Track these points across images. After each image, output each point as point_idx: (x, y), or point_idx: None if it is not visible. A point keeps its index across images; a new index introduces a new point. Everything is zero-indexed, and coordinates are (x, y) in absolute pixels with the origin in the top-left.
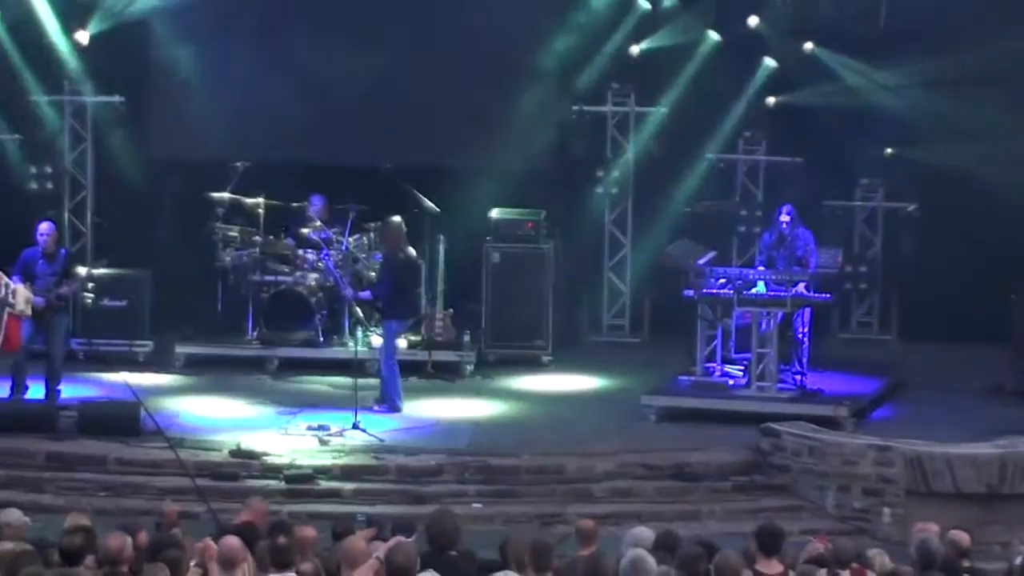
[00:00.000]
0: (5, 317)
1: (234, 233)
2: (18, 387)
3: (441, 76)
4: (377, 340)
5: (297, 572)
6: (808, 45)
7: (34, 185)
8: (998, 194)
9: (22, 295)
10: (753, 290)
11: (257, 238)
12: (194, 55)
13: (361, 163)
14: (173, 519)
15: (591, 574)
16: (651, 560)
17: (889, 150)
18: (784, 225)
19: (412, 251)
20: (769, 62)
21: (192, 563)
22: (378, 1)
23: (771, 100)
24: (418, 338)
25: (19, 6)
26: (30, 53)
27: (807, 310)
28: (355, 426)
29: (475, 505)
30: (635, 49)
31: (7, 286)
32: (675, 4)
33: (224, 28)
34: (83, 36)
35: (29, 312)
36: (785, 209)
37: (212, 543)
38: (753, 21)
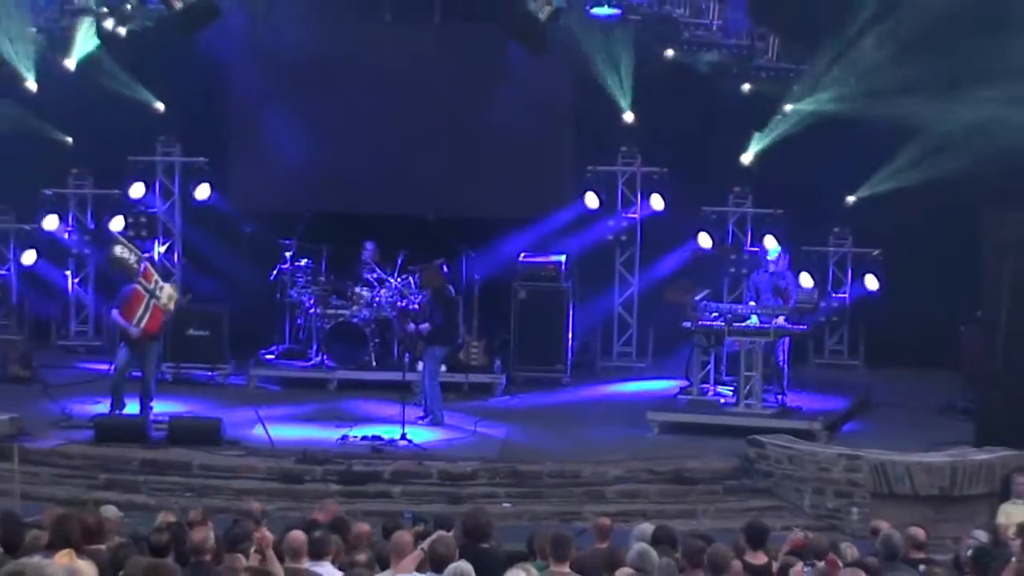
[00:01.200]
0: (152, 305)
1: (300, 273)
2: (117, 404)
3: (476, 141)
4: (420, 365)
5: (354, 562)
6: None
7: (131, 232)
8: (950, 240)
9: (167, 291)
10: (743, 323)
11: (320, 278)
12: (266, 119)
13: (408, 213)
14: (256, 514)
15: (607, 564)
16: (654, 553)
17: (851, 198)
18: (770, 267)
19: (452, 289)
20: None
21: (252, 550)
22: (421, 75)
23: (748, 159)
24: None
25: (114, 77)
26: (127, 117)
27: (787, 339)
28: (403, 437)
29: (505, 504)
30: (629, 116)
31: (157, 282)
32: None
33: (290, 95)
34: (160, 105)
35: (172, 308)
36: (771, 254)
37: (268, 533)
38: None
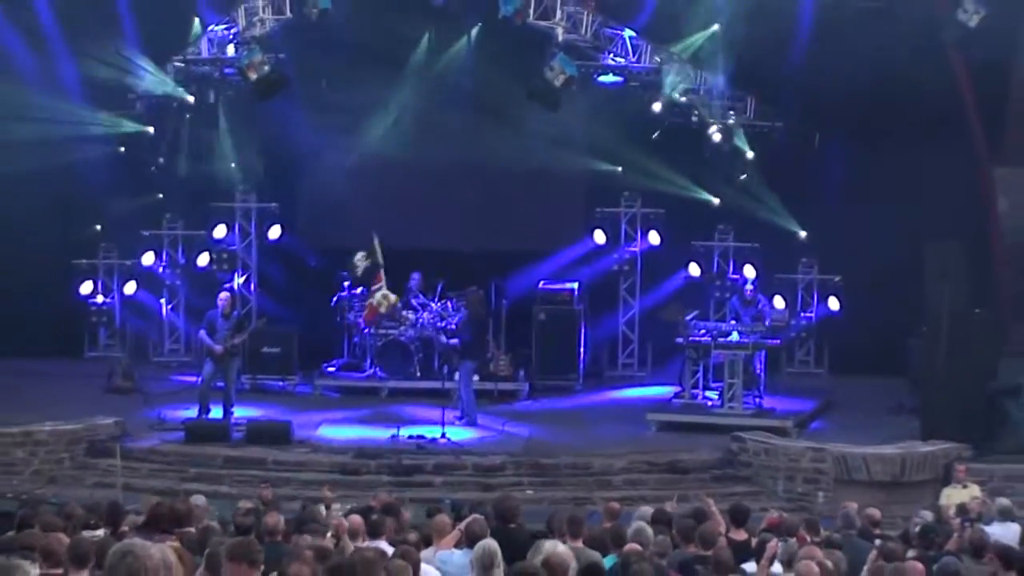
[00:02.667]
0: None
1: (356, 300)
2: (203, 409)
3: (504, 188)
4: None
5: (406, 541)
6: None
7: (215, 266)
8: (899, 268)
9: (380, 294)
10: (726, 338)
11: (380, 285)
12: (326, 171)
13: (447, 248)
14: (328, 499)
15: (614, 540)
16: (650, 530)
17: (803, 233)
18: (749, 292)
19: (484, 312)
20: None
21: (328, 534)
22: (457, 135)
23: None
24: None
25: (201, 140)
26: (211, 170)
27: (764, 352)
28: (443, 436)
29: (528, 491)
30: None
31: (381, 287)
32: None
33: (345, 152)
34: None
35: (382, 309)
36: (750, 280)
37: (343, 520)
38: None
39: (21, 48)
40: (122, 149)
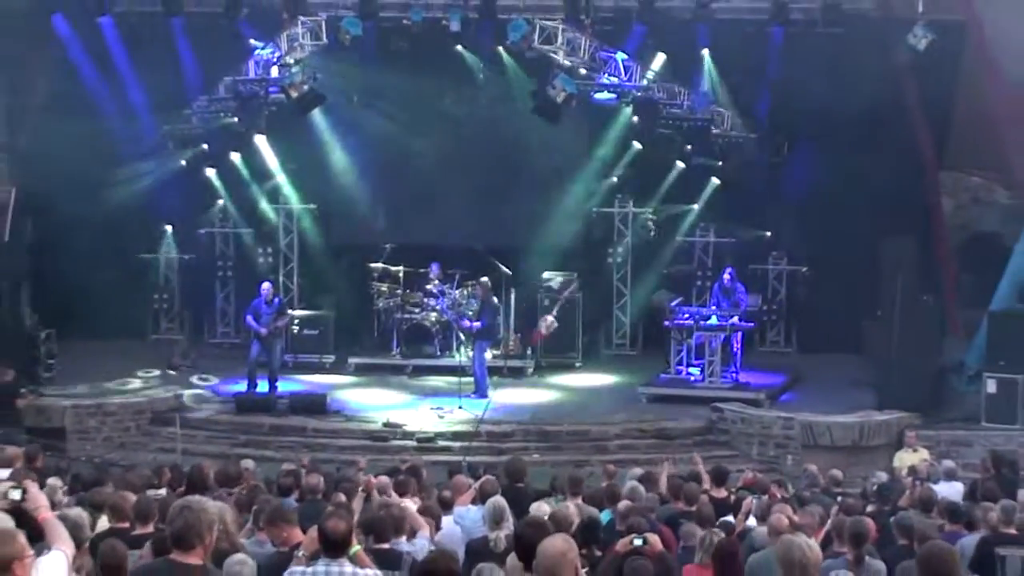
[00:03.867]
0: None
1: (384, 288)
2: (251, 384)
3: (512, 192)
4: (470, 353)
5: (429, 498)
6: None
7: (261, 260)
8: (858, 260)
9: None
10: (707, 321)
11: (398, 291)
12: (357, 178)
13: (463, 243)
14: (361, 466)
15: (610, 497)
16: (642, 488)
17: (768, 233)
18: (726, 281)
19: (495, 299)
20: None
21: (360, 489)
22: (471, 149)
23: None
24: (497, 352)
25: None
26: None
27: (740, 334)
28: (460, 407)
29: (535, 456)
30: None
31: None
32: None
33: (374, 161)
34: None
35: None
36: (727, 271)
37: (372, 479)
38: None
39: (93, 73)
40: (183, 163)
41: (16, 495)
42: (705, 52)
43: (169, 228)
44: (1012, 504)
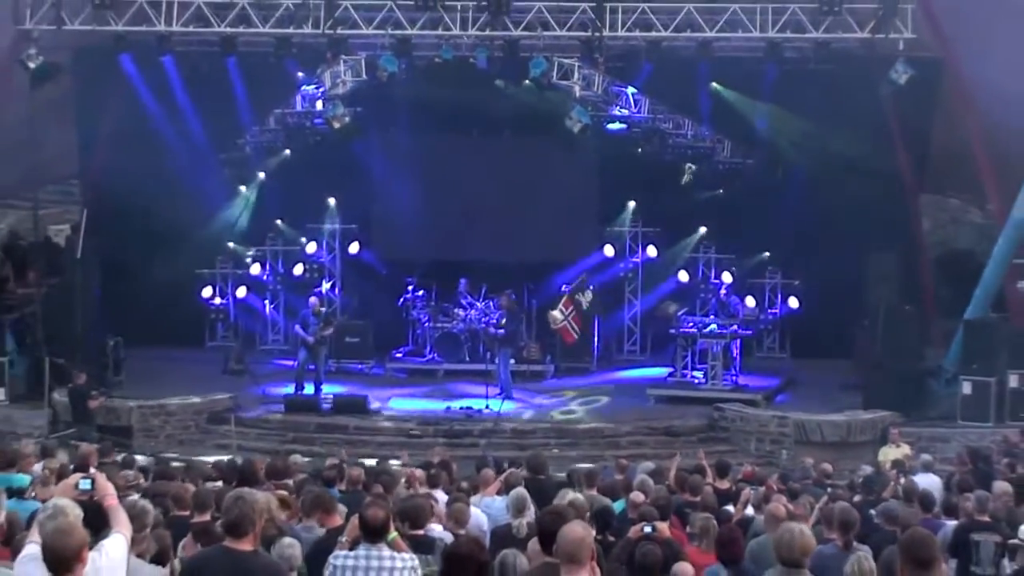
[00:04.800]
0: (567, 324)
1: (419, 300)
2: (299, 387)
3: (533, 212)
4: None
5: (459, 488)
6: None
7: (307, 275)
8: (846, 273)
9: (553, 319)
10: (708, 329)
11: (431, 303)
12: (394, 198)
13: (489, 258)
14: (405, 460)
15: (624, 488)
16: (651, 480)
17: (767, 253)
18: (723, 295)
19: (518, 309)
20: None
21: (402, 480)
22: (497, 170)
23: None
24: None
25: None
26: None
27: (738, 340)
28: (487, 407)
29: (554, 450)
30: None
31: (565, 311)
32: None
33: (409, 182)
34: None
35: (555, 324)
36: (724, 286)
37: (417, 471)
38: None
39: (156, 106)
40: (243, 188)
41: (86, 485)
42: (715, 85)
43: (231, 245)
44: (986, 495)
